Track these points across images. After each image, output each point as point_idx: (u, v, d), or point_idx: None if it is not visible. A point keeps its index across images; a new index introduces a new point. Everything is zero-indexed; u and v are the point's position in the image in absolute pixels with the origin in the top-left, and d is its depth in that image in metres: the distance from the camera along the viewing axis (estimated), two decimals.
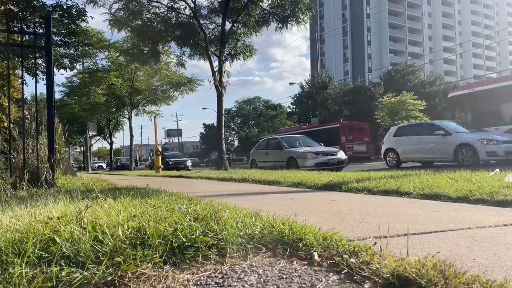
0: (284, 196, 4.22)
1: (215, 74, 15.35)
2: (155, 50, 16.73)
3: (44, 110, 4.95)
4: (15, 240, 1.52)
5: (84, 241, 1.47)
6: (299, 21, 15.51)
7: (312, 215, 2.61)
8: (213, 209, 2.34)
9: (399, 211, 2.73)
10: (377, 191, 4.07)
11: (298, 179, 5.82)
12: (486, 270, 1.33)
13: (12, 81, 8.55)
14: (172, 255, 1.48)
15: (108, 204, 2.38)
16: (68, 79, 31.90)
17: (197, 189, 5.59)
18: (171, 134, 76.38)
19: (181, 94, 28.53)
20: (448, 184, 3.93)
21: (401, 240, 1.78)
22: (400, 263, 1.25)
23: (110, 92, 29.74)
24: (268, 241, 1.67)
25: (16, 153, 4.75)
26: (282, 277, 1.31)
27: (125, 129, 41.22)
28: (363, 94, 46.03)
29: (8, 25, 7.00)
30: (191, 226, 1.73)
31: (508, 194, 3.07)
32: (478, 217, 2.41)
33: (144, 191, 4.02)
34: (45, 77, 5.09)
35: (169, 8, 15.90)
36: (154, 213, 2.14)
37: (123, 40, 22.65)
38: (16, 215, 2.06)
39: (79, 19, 11.78)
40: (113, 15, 15.33)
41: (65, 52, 13.36)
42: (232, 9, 15.40)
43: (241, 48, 16.91)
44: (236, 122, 70.27)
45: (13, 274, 1.19)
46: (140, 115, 33.39)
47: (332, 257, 1.45)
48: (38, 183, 4.46)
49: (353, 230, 2.06)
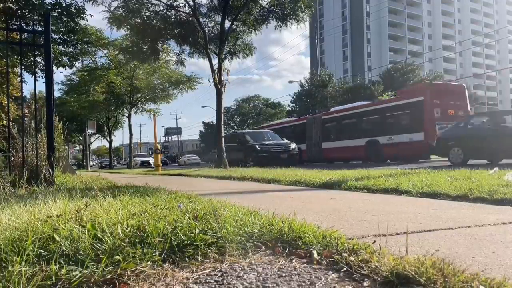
0: (283, 194, 4.23)
1: (214, 72, 15.33)
2: (155, 48, 16.70)
3: (43, 108, 4.94)
4: (15, 238, 1.52)
5: (84, 239, 1.47)
6: (299, 19, 15.48)
7: (312, 214, 2.62)
8: (212, 207, 2.34)
9: (398, 210, 2.73)
10: (377, 190, 4.08)
11: (297, 177, 5.83)
12: (485, 268, 1.33)
13: (11, 79, 8.54)
14: (172, 253, 1.48)
15: (108, 202, 2.38)
16: (67, 77, 31.85)
17: (196, 187, 5.59)
18: (171, 132, 76.26)
19: (181, 92, 28.49)
20: (447, 183, 3.93)
21: (400, 239, 1.78)
22: (399, 261, 1.25)
23: (110, 90, 29.68)
24: (268, 239, 1.68)
25: (15, 151, 4.75)
26: (282, 275, 1.31)
27: (124, 128, 41.14)
28: (362, 92, 46.01)
29: (7, 23, 6.98)
30: (190, 224, 1.73)
31: (507, 192, 3.07)
32: (477, 216, 2.41)
33: (143, 189, 4.02)
34: (44, 75, 5.08)
35: (169, 6, 15.86)
36: (153, 211, 2.14)
37: (122, 38, 22.62)
38: (16, 213, 2.06)
39: (78, 17, 11.76)
40: (112, 13, 15.29)
41: (64, 50, 13.34)
42: (232, 7, 15.37)
43: (240, 46, 16.89)
44: (235, 121, 70.27)
45: (13, 272, 1.19)
46: (140, 113, 33.36)
47: (332, 255, 1.45)
48: (38, 181, 4.45)
49: (352, 228, 2.07)
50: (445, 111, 15.09)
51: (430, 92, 15.45)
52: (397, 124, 16.50)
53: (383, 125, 17.15)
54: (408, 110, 16.00)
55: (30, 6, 10.35)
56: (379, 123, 17.39)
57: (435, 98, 15.24)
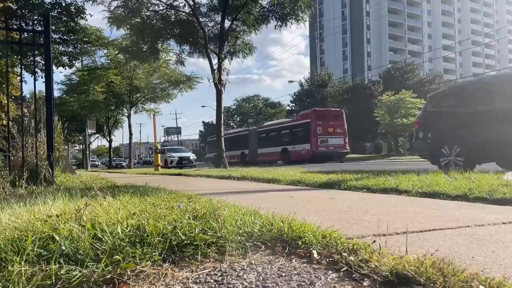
0: (283, 194, 4.23)
1: (214, 71, 15.33)
2: (154, 48, 16.70)
3: (43, 108, 4.94)
4: (14, 238, 1.52)
5: (83, 239, 1.47)
6: (299, 19, 15.48)
7: (311, 213, 2.62)
8: (212, 207, 2.34)
9: (398, 209, 2.73)
10: (376, 189, 4.08)
11: (297, 177, 5.83)
12: (485, 268, 1.33)
13: (10, 79, 8.54)
14: (171, 253, 1.48)
15: (107, 202, 2.38)
16: (67, 77, 31.86)
17: (196, 187, 5.59)
18: (170, 132, 76.22)
19: (180, 92, 28.49)
20: (447, 182, 3.93)
21: (400, 238, 1.78)
22: (399, 261, 1.25)
23: (109, 90, 29.68)
24: (267, 239, 1.68)
25: (15, 151, 4.75)
26: (281, 275, 1.31)
27: (124, 127, 41.13)
28: (362, 92, 46.04)
29: (7, 22, 6.98)
30: (190, 224, 1.73)
31: (507, 192, 3.07)
32: (477, 215, 2.41)
33: (143, 189, 4.02)
34: (44, 74, 5.08)
35: (168, 6, 15.87)
36: (153, 211, 2.14)
37: (122, 37, 22.61)
38: (15, 213, 2.06)
39: (78, 16, 11.76)
40: (112, 13, 15.30)
41: (64, 49, 13.35)
42: (232, 6, 15.37)
43: (240, 46, 16.90)
44: (235, 120, 70.28)
45: (12, 272, 1.19)
46: (139, 113, 33.40)
47: (331, 255, 1.45)
48: (37, 181, 4.45)
49: (352, 228, 2.07)
50: (325, 129, 21.88)
51: (314, 116, 22.28)
52: (297, 137, 23.21)
53: (289, 137, 24.08)
54: (302, 128, 22.82)
55: (30, 5, 10.35)
56: (288, 136, 24.35)
57: (318, 120, 22.00)
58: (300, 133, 22.98)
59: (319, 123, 21.82)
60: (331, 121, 22.32)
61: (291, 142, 23.71)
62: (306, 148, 22.05)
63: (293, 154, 23.23)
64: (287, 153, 23.86)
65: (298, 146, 22.93)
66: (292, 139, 23.68)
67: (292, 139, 23.68)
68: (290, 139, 23.86)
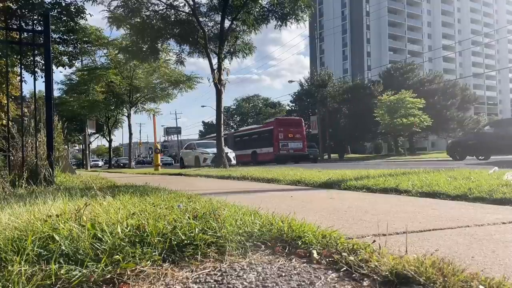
0: (283, 194, 4.23)
1: (214, 71, 15.33)
2: (154, 48, 16.69)
3: (43, 108, 4.94)
4: (14, 238, 1.52)
5: (83, 239, 1.47)
6: (299, 19, 15.48)
7: (311, 213, 2.62)
8: (212, 207, 2.34)
9: (398, 209, 2.73)
10: (376, 189, 4.08)
11: (297, 177, 5.83)
12: (484, 268, 1.33)
13: (10, 79, 8.53)
14: (171, 252, 1.48)
15: (107, 202, 2.38)
16: (67, 76, 31.81)
17: (196, 187, 5.59)
18: (170, 132, 76.23)
19: (180, 91, 28.47)
20: (447, 182, 3.93)
21: (400, 238, 1.78)
22: (398, 261, 1.25)
23: (109, 90, 29.65)
24: (267, 239, 1.68)
25: (15, 150, 4.75)
26: (281, 275, 1.31)
27: (124, 127, 41.10)
28: (362, 92, 46.01)
29: (6, 22, 6.97)
30: (190, 224, 1.73)
31: (506, 192, 3.07)
32: (477, 215, 2.41)
33: (143, 189, 4.02)
34: (44, 74, 5.08)
35: (168, 6, 15.86)
36: (153, 211, 2.14)
37: (122, 37, 22.59)
38: (15, 212, 2.06)
39: (78, 16, 11.74)
40: (112, 13, 15.29)
41: (64, 49, 13.33)
42: (232, 6, 15.36)
43: (240, 46, 16.89)
44: (235, 120, 70.28)
45: (12, 272, 1.19)
46: (139, 113, 33.35)
47: (331, 255, 1.45)
48: (37, 181, 4.45)
49: (352, 228, 2.07)
50: (286, 135, 26.12)
51: (277, 124, 26.84)
52: (264, 141, 27.17)
53: (258, 141, 27.98)
54: (268, 133, 27.04)
55: (30, 5, 10.33)
56: (257, 140, 28.33)
57: (280, 127, 26.32)
58: (266, 138, 27.05)
59: (280, 130, 26.09)
60: (292, 128, 26.61)
61: (259, 145, 27.75)
62: (270, 151, 26.36)
63: (260, 156, 27.26)
64: (256, 154, 27.86)
65: (264, 149, 27.03)
66: (260, 143, 27.77)
67: (260, 143, 27.77)
68: (259, 143, 27.97)
